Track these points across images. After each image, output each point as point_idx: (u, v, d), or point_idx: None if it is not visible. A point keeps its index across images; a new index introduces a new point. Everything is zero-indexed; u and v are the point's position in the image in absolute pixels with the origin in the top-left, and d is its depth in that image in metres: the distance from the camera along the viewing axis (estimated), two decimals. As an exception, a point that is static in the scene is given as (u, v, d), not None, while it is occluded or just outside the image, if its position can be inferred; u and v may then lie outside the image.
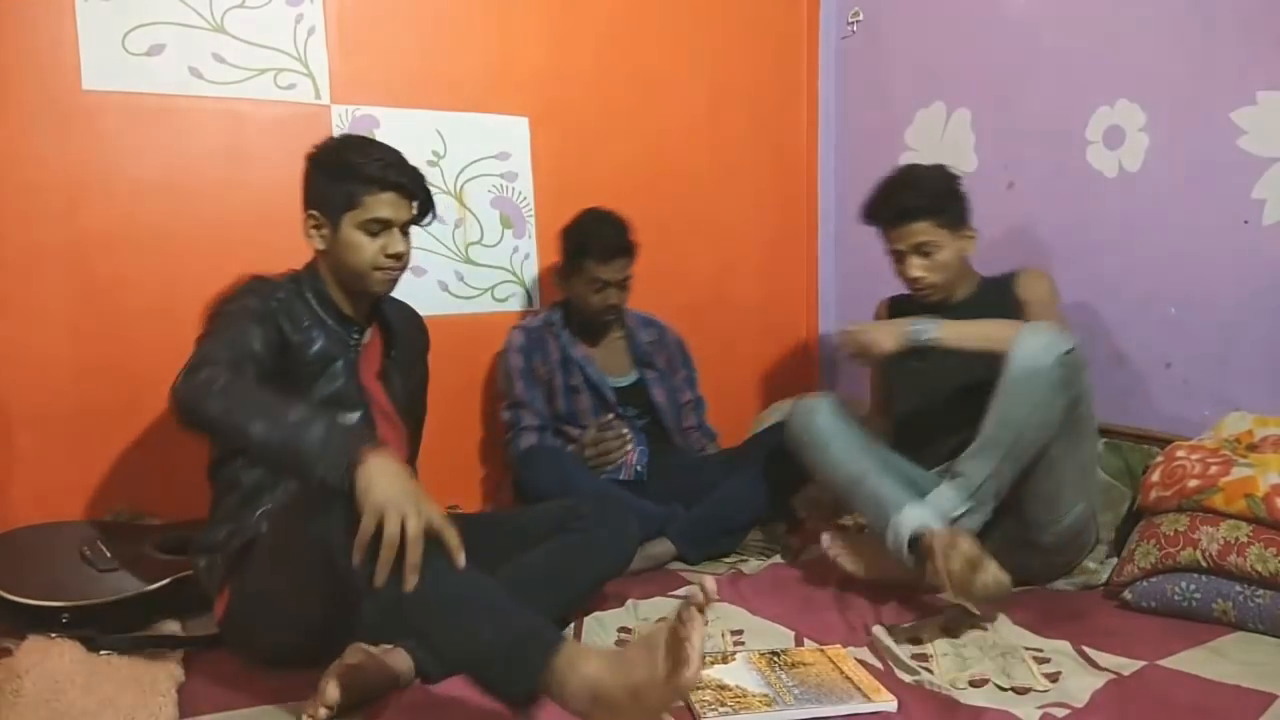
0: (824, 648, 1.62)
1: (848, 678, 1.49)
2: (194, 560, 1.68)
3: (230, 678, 1.55)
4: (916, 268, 2.00)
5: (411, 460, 1.94)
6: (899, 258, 2.03)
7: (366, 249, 1.69)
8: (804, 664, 1.54)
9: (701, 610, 1.14)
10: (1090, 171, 2.34)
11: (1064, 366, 1.67)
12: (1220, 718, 1.35)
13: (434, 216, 1.80)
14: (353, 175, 1.67)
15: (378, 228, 1.69)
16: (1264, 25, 1.99)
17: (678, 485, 2.27)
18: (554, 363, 2.39)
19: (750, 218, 3.05)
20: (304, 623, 1.50)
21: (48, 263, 2.12)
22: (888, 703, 1.42)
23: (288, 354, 1.64)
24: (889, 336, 1.90)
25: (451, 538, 1.26)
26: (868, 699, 1.42)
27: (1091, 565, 1.96)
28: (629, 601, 1.88)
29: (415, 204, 1.74)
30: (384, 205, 1.68)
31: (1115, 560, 1.94)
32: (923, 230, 1.97)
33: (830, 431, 1.95)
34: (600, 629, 1.76)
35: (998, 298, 2.02)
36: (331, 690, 1.36)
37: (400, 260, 1.72)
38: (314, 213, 1.72)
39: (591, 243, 2.32)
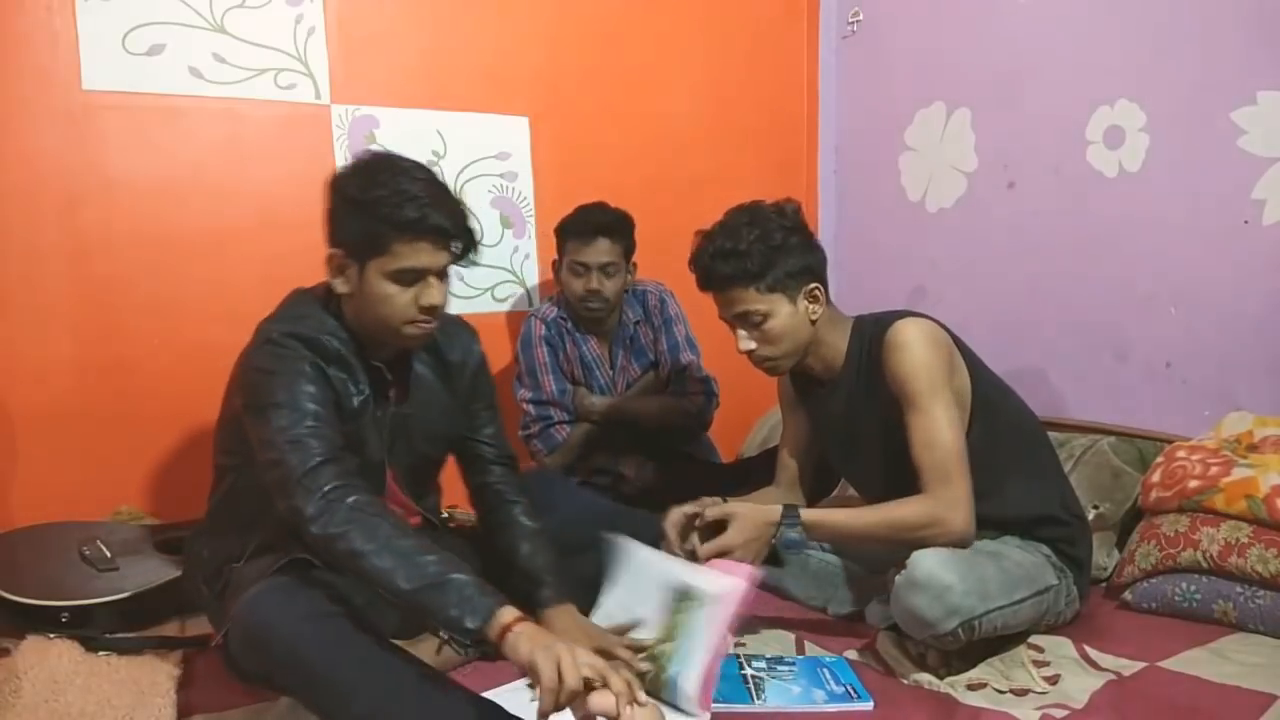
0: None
1: None
2: (195, 583, 1.60)
3: (229, 678, 1.54)
4: (746, 340, 1.68)
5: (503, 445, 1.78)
6: (730, 327, 1.72)
7: (396, 301, 1.44)
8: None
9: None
10: (1090, 171, 2.34)
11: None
12: (1220, 719, 1.35)
13: (476, 254, 1.53)
14: (382, 217, 1.40)
15: (411, 277, 1.44)
16: (1264, 25, 1.99)
17: (688, 496, 2.25)
18: (574, 359, 2.39)
19: (750, 218, 3.04)
20: None
21: (48, 263, 2.12)
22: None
23: (333, 404, 1.44)
24: (750, 551, 1.59)
25: (616, 682, 1.17)
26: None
27: (1101, 560, 1.96)
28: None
29: (456, 244, 1.49)
30: (419, 253, 1.43)
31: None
32: (738, 299, 1.65)
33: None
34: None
35: (873, 376, 1.67)
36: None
37: (435, 312, 1.48)
38: (336, 251, 1.46)
39: (571, 222, 2.32)
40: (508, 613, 1.22)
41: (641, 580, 1.56)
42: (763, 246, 1.63)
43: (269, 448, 1.36)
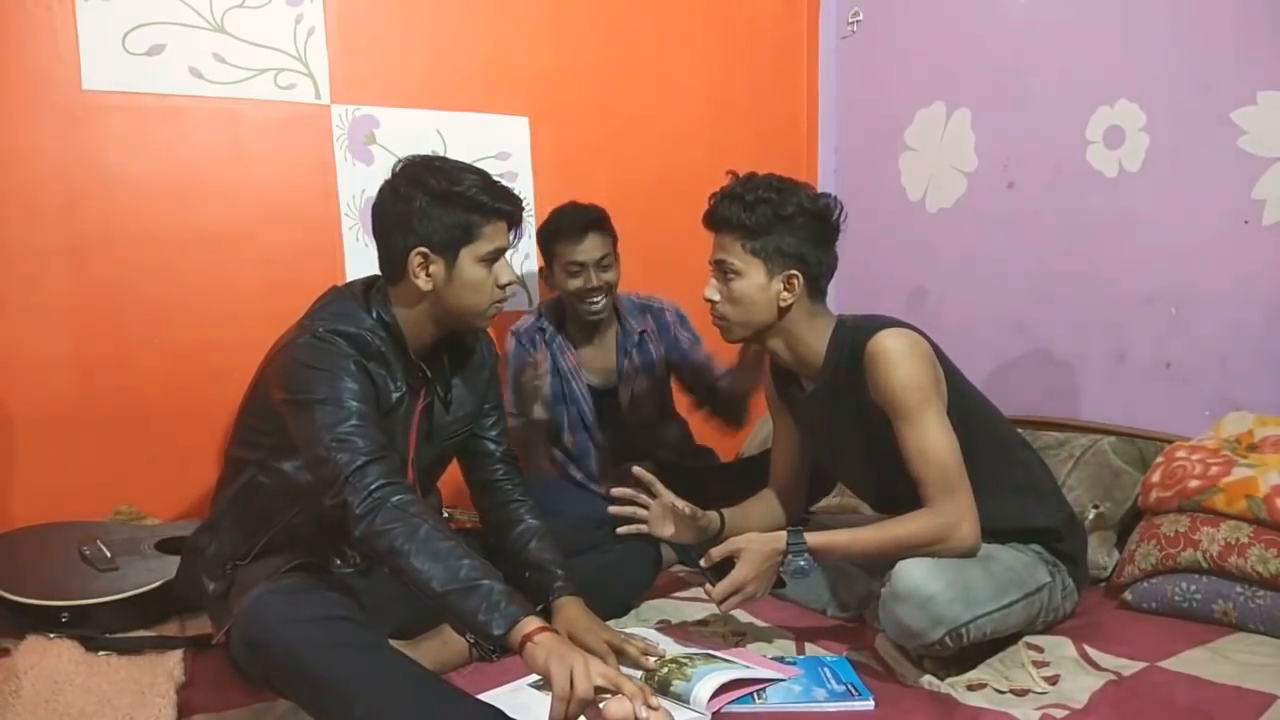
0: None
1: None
2: (197, 579, 1.59)
3: (229, 678, 1.54)
4: (712, 289, 1.68)
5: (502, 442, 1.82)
6: (711, 272, 1.71)
7: (486, 284, 1.53)
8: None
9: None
10: (1090, 171, 2.34)
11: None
12: (1220, 719, 1.35)
13: (518, 237, 1.62)
14: (470, 204, 1.50)
15: (494, 258, 1.54)
16: (1264, 25, 1.99)
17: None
18: (543, 372, 2.25)
19: (750, 218, 3.04)
20: None
21: (48, 262, 2.12)
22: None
23: (373, 401, 1.48)
24: (761, 583, 1.59)
25: (629, 688, 1.22)
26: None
27: (1101, 560, 1.96)
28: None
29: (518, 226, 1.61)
30: (500, 234, 1.54)
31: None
32: (725, 246, 1.66)
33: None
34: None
35: (852, 383, 1.63)
36: None
37: (508, 288, 1.58)
38: (422, 250, 1.50)
39: (556, 225, 2.27)
40: (531, 622, 1.28)
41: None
42: (769, 210, 1.62)
43: (314, 443, 1.39)
